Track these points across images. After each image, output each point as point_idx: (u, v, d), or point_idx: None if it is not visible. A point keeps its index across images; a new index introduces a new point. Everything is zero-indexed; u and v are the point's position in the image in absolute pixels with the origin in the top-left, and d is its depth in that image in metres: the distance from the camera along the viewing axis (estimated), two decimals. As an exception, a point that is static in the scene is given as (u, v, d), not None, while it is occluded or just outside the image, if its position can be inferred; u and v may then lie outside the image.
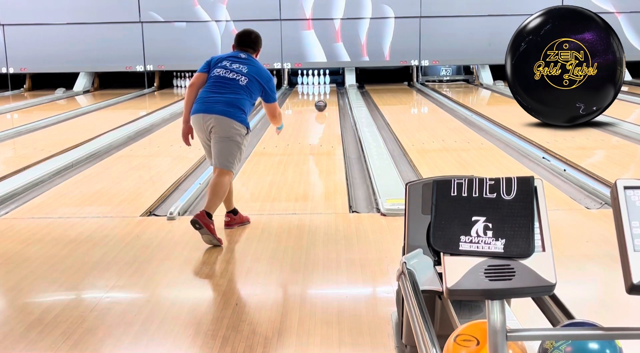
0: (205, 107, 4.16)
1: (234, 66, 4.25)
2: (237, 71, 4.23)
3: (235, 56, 4.34)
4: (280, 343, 2.82)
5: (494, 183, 1.81)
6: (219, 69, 4.24)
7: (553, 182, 5.59)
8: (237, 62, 4.29)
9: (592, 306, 3.16)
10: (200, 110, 4.18)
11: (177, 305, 3.28)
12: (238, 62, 4.29)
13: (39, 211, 4.98)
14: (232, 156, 4.18)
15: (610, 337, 1.69)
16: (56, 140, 8.16)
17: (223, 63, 4.28)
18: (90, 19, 14.22)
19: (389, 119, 9.52)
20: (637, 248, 1.53)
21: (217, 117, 4.13)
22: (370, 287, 3.49)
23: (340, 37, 14.42)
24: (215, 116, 4.13)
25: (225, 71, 4.23)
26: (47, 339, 2.86)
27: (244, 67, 4.26)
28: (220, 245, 4.06)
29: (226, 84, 4.19)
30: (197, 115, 4.19)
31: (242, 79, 4.21)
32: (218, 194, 4.16)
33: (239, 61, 4.29)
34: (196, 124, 4.22)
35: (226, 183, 4.20)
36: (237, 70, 4.23)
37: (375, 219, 4.60)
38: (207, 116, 4.14)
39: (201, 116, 4.16)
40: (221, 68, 4.25)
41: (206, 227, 3.98)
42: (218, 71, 4.24)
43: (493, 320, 1.59)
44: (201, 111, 4.17)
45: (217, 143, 4.17)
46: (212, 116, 4.13)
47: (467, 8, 14.13)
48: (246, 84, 4.21)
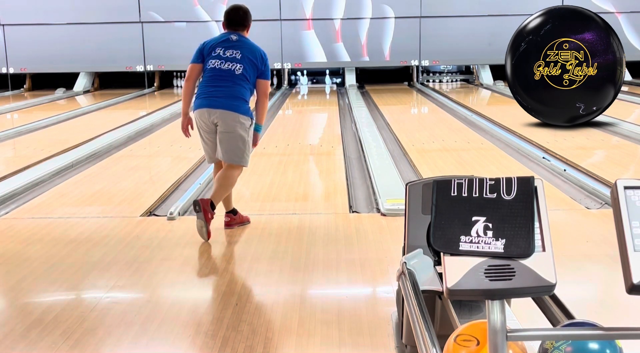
0: (209, 102, 4.14)
1: (227, 54, 4.17)
2: (231, 59, 4.17)
3: (226, 39, 4.25)
4: (280, 343, 2.82)
5: (494, 183, 1.81)
6: (214, 61, 4.18)
7: (553, 182, 5.59)
8: (230, 48, 4.20)
9: (592, 306, 3.16)
10: (205, 105, 4.16)
11: (177, 305, 3.28)
12: (231, 47, 4.20)
13: (39, 211, 4.98)
14: (241, 151, 4.19)
15: (610, 337, 1.69)
16: (56, 140, 8.16)
17: (217, 52, 4.19)
18: (90, 19, 14.22)
19: (389, 119, 9.51)
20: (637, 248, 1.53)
21: (222, 112, 4.12)
22: (370, 287, 3.49)
23: (341, 37, 14.42)
24: (220, 111, 4.12)
25: (220, 62, 4.17)
26: (47, 339, 2.86)
27: (237, 52, 4.18)
28: (207, 238, 4.07)
29: (224, 76, 4.15)
30: (202, 110, 4.16)
31: (238, 67, 4.16)
32: (224, 186, 4.18)
33: (232, 47, 4.21)
34: (201, 119, 4.19)
35: (235, 176, 4.24)
36: (232, 58, 4.17)
37: (375, 220, 4.60)
38: (213, 110, 4.13)
39: (206, 110, 4.15)
40: (216, 59, 4.18)
41: (204, 213, 4.01)
42: (213, 63, 4.18)
43: (493, 320, 1.59)
44: (206, 105, 4.15)
45: (224, 139, 4.17)
46: (218, 110, 4.12)
47: (467, 8, 14.13)
48: (242, 72, 4.17)
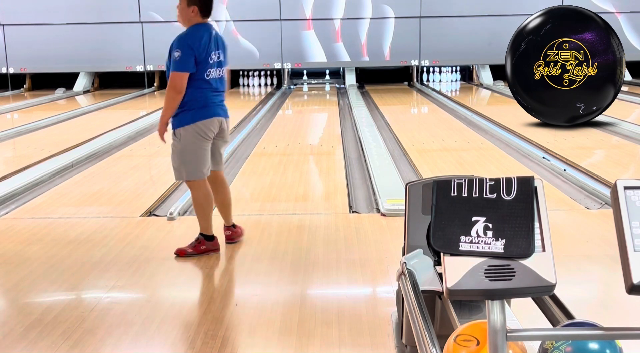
0: (222, 111, 4.02)
1: (215, 58, 3.99)
2: (218, 64, 4.01)
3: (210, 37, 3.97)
4: (280, 343, 2.82)
5: (494, 183, 1.81)
6: (212, 69, 3.97)
7: (553, 182, 5.59)
8: (215, 49, 3.99)
9: (592, 306, 3.17)
10: (219, 114, 3.99)
11: (177, 305, 3.28)
12: (215, 48, 3.99)
13: (39, 211, 4.98)
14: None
15: (610, 337, 1.69)
16: (56, 140, 8.16)
17: (212, 59, 3.96)
18: (90, 19, 14.21)
19: (389, 119, 9.51)
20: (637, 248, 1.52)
21: (227, 121, 4.08)
22: (370, 287, 3.49)
23: (340, 37, 14.42)
24: (227, 120, 4.07)
25: (215, 70, 3.98)
26: (47, 339, 2.86)
27: (220, 53, 4.03)
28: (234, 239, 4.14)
29: (219, 83, 4.03)
30: (217, 119, 3.98)
31: (222, 71, 4.05)
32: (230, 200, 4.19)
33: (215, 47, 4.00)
34: (212, 129, 3.96)
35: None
36: (218, 63, 4.01)
37: (375, 220, 4.60)
38: (224, 120, 4.04)
39: (221, 120, 4.01)
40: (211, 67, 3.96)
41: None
42: (211, 72, 3.96)
43: (493, 320, 1.59)
44: (221, 115, 4.01)
45: (222, 147, 4.12)
46: (226, 119, 4.06)
47: (467, 8, 14.13)
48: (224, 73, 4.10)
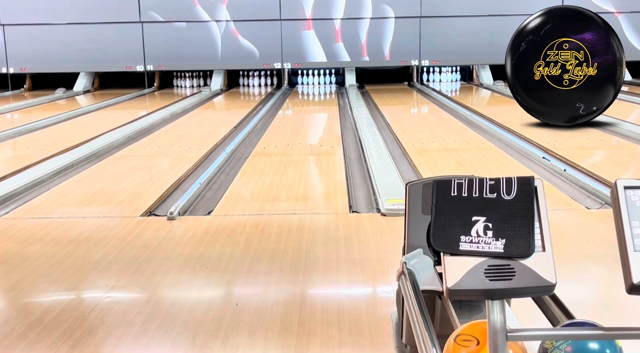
0: None
1: None
2: None
3: None
4: (280, 343, 2.82)
5: (494, 183, 1.81)
6: None
7: (553, 182, 5.59)
8: None
9: (592, 306, 3.16)
10: None
11: (177, 305, 3.28)
12: None
13: (39, 211, 4.98)
14: None
15: (610, 337, 1.69)
16: (56, 140, 8.15)
17: None
18: (90, 19, 14.21)
19: (389, 119, 9.51)
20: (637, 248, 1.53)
21: None
22: (370, 287, 3.49)
23: (340, 37, 14.42)
24: None
25: None
26: (47, 339, 2.86)
27: None
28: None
29: None
30: None
31: None
32: None
33: None
34: None
35: None
36: None
37: (375, 219, 4.60)
38: None
39: None
40: None
41: None
42: None
43: (493, 320, 1.59)
44: None
45: None
46: None
47: (467, 8, 14.13)
48: None
